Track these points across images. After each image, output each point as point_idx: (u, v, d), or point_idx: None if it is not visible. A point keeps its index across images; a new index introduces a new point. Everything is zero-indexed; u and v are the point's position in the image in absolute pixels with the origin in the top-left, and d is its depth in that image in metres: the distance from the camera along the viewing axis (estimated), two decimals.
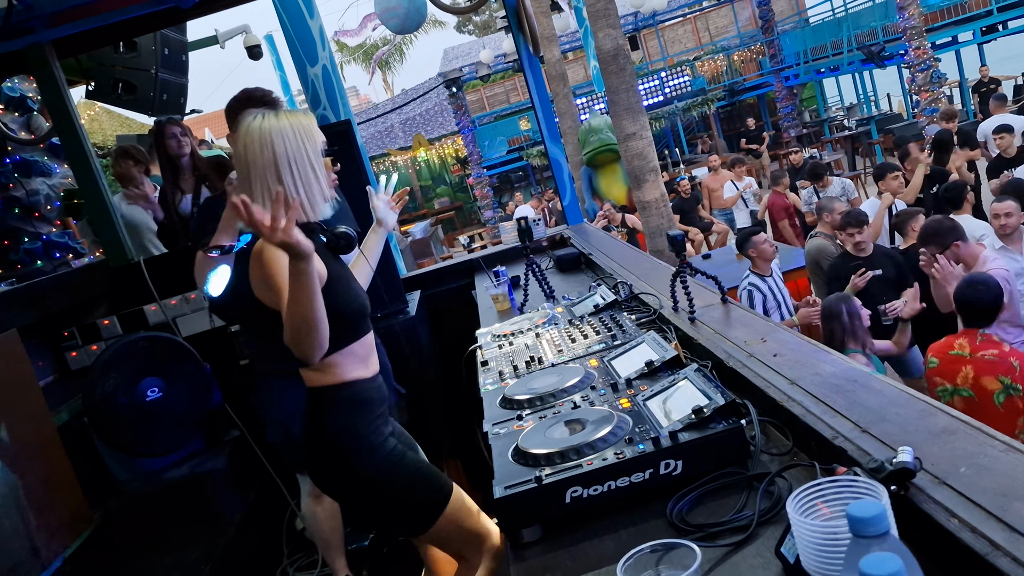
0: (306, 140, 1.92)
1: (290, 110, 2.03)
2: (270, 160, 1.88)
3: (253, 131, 1.90)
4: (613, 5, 7.36)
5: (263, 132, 1.90)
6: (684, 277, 2.19)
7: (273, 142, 1.89)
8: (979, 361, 3.29)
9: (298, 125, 1.93)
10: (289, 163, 1.89)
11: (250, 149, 1.90)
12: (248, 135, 1.90)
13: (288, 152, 1.89)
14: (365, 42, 25.28)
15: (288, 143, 1.89)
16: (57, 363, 3.62)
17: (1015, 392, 3.11)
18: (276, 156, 1.88)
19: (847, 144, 16.07)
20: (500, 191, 23.60)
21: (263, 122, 1.91)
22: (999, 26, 15.91)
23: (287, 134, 1.90)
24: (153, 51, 5.14)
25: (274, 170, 1.88)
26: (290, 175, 1.89)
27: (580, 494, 1.37)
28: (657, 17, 22.97)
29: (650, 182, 7.52)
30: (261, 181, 1.89)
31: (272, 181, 1.88)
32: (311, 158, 1.92)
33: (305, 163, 1.91)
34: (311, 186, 1.92)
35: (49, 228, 4.89)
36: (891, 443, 1.19)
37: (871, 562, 0.69)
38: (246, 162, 1.91)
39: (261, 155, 1.89)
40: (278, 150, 1.88)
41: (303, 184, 1.90)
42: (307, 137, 1.93)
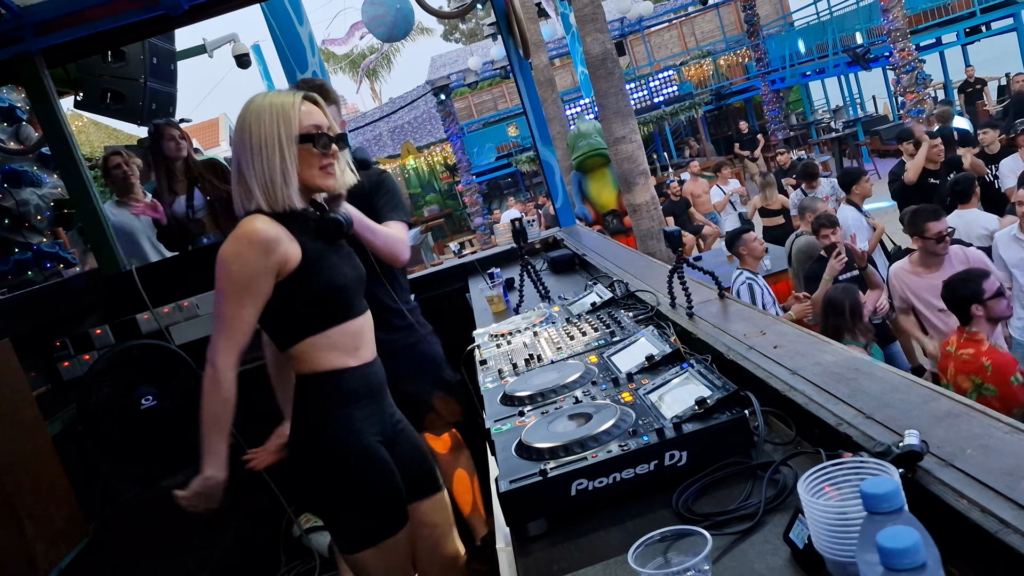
0: (281, 124, 1.85)
1: (280, 91, 1.97)
2: (244, 142, 1.86)
3: (240, 112, 1.89)
4: (601, 10, 7.40)
5: (244, 113, 1.88)
6: (682, 272, 2.19)
7: (249, 124, 1.86)
8: (958, 359, 3.34)
9: (277, 106, 1.87)
10: (259, 146, 1.84)
11: (236, 130, 1.90)
12: (241, 115, 1.90)
13: (261, 134, 1.84)
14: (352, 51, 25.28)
15: (263, 126, 1.85)
16: (50, 373, 3.60)
17: (988, 392, 3.13)
18: (250, 138, 1.85)
19: (834, 146, 16.18)
20: (489, 198, 23.65)
21: (249, 103, 1.89)
22: (982, 27, 16.09)
23: (263, 116, 1.86)
24: (141, 60, 5.12)
25: (247, 154, 1.86)
26: (253, 158, 1.85)
27: (585, 487, 1.37)
28: (643, 23, 23.11)
29: (640, 185, 7.55)
30: (236, 163, 1.89)
31: (243, 165, 1.86)
32: (282, 142, 1.84)
33: (273, 148, 1.84)
34: (274, 173, 1.84)
35: (40, 238, 4.86)
36: (896, 428, 1.19)
37: (889, 536, 0.69)
38: (238, 142, 1.89)
39: (239, 136, 1.88)
40: (253, 131, 1.85)
41: (266, 170, 1.84)
42: (283, 121, 1.86)
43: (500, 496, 1.37)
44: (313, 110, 1.93)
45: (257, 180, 1.85)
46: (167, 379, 3.33)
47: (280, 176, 1.85)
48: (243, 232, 1.81)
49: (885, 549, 0.69)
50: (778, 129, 20.53)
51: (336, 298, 1.94)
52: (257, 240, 1.80)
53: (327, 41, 16.89)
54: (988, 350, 3.30)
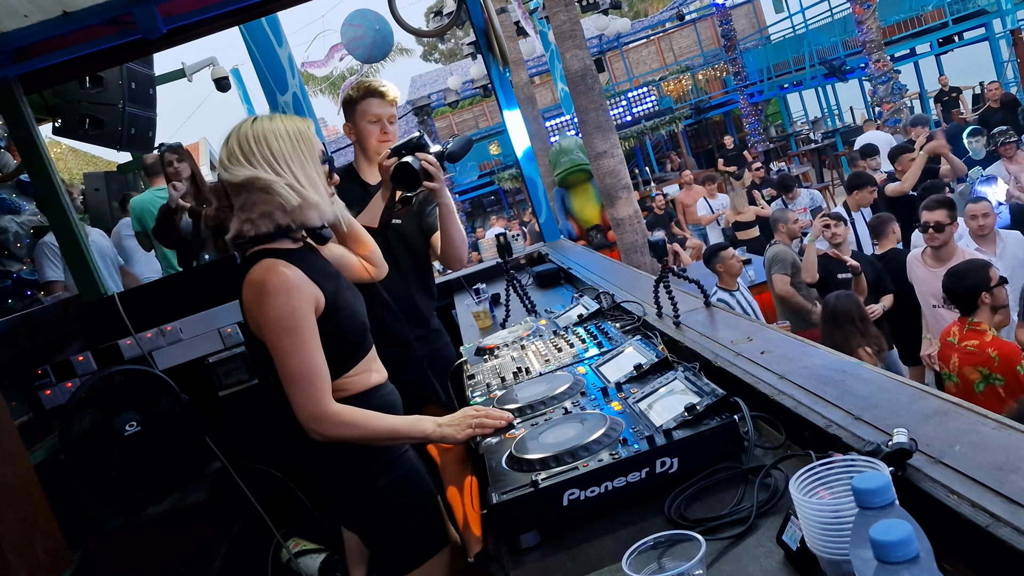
0: (303, 142, 1.84)
1: (288, 115, 1.94)
2: (269, 157, 1.78)
3: (249, 133, 1.82)
4: (579, 27, 7.47)
5: (259, 132, 1.81)
6: (667, 282, 2.20)
7: (274, 140, 1.80)
8: (962, 351, 3.35)
9: (300, 125, 1.87)
10: (291, 159, 1.80)
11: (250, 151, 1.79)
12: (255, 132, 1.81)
13: (290, 149, 1.80)
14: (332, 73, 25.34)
15: (289, 141, 1.81)
16: (31, 402, 3.55)
17: (996, 381, 3.15)
18: (274, 154, 1.79)
19: (813, 157, 16.34)
20: (473, 216, 23.67)
21: (260, 124, 1.84)
22: (955, 37, 16.34)
23: (288, 132, 1.83)
24: (120, 85, 5.11)
25: (273, 167, 1.78)
26: (293, 168, 1.80)
27: (577, 496, 1.36)
28: (622, 39, 23.33)
29: (623, 199, 7.59)
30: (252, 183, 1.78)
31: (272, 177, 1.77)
32: (311, 159, 1.83)
33: (307, 161, 1.83)
34: (315, 184, 1.82)
35: (19, 266, 4.81)
36: (884, 428, 1.19)
37: (881, 529, 0.69)
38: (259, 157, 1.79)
39: (260, 152, 1.78)
40: (284, 145, 1.80)
41: (305, 181, 1.80)
42: (304, 140, 1.84)
43: (491, 508, 1.36)
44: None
45: (293, 197, 1.78)
46: (151, 405, 3.29)
47: (320, 193, 1.83)
48: (274, 281, 1.74)
49: (878, 542, 0.68)
50: (758, 142, 20.73)
51: (359, 339, 1.92)
52: (291, 282, 1.74)
53: (307, 63, 16.91)
54: (992, 340, 3.33)
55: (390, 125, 2.86)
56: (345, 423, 1.77)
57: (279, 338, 1.73)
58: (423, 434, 1.84)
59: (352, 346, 1.90)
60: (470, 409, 1.83)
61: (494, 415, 1.77)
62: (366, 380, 1.93)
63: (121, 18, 3.51)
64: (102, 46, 3.65)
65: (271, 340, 1.74)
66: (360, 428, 1.79)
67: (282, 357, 1.74)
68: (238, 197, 1.82)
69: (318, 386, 1.75)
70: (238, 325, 3.56)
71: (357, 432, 1.79)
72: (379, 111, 2.83)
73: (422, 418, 1.86)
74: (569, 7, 7.57)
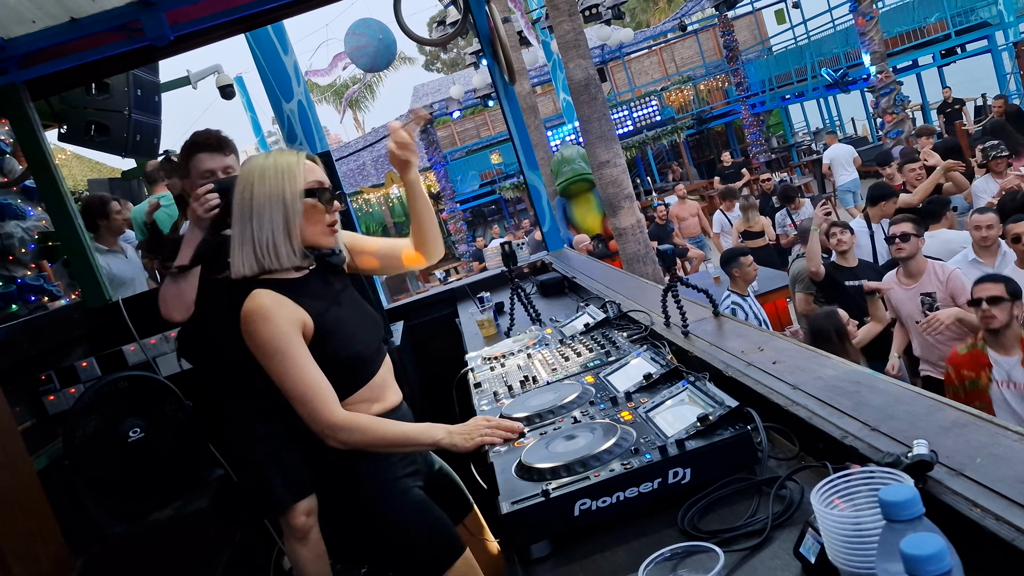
0: (286, 179, 1.82)
1: (280, 151, 1.94)
2: (245, 202, 1.82)
3: (240, 174, 1.87)
4: (583, 36, 7.48)
5: (245, 174, 1.84)
6: (676, 291, 2.19)
7: (252, 183, 1.82)
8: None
9: (282, 164, 1.85)
10: (264, 204, 1.81)
11: (239, 189, 1.85)
12: (241, 175, 1.86)
13: (265, 192, 1.81)
14: (336, 81, 25.42)
15: (267, 183, 1.81)
16: (35, 407, 3.54)
17: None
18: (252, 198, 1.81)
19: (815, 168, 16.35)
20: (473, 225, 23.70)
21: (250, 164, 1.86)
22: (957, 49, 16.38)
23: (267, 174, 1.82)
24: (125, 92, 5.11)
25: (247, 214, 1.81)
26: (256, 217, 1.81)
27: (589, 506, 1.35)
28: (624, 49, 23.37)
29: (625, 209, 7.58)
30: (239, 223, 1.83)
31: (244, 226, 1.82)
32: (286, 198, 1.81)
33: (278, 204, 1.81)
34: (277, 231, 1.81)
35: (24, 271, 4.81)
36: (902, 439, 1.18)
37: (913, 543, 0.68)
38: (238, 202, 1.84)
39: (239, 198, 1.83)
40: (256, 190, 1.81)
41: (271, 228, 1.80)
42: (288, 177, 1.82)
43: (502, 518, 1.35)
44: (315, 168, 1.91)
45: (259, 240, 1.80)
46: (155, 411, 3.28)
47: (283, 234, 1.81)
48: (253, 309, 1.76)
49: (910, 557, 0.67)
50: (759, 152, 20.76)
51: (355, 366, 1.90)
52: (267, 308, 1.75)
53: (310, 72, 16.98)
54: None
55: (223, 176, 2.66)
56: (356, 429, 1.78)
57: (270, 362, 1.76)
58: (433, 440, 1.82)
59: (348, 372, 1.88)
60: (481, 419, 1.82)
61: (505, 426, 1.77)
62: (367, 409, 1.90)
63: (129, 25, 3.52)
64: (109, 53, 3.66)
65: (265, 366, 1.78)
66: (372, 433, 1.80)
67: (279, 379, 1.77)
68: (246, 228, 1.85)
69: (321, 399, 1.76)
70: None
71: (369, 437, 1.80)
72: (211, 164, 2.67)
73: (433, 425, 1.85)
74: (572, 17, 7.58)
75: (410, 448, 1.90)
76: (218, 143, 2.68)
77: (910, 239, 4.30)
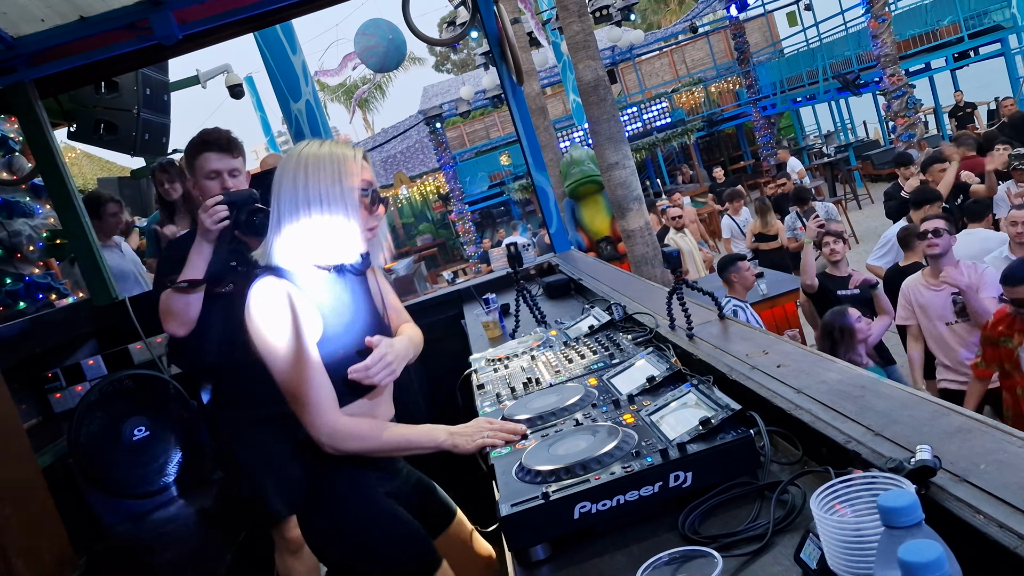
0: (344, 174, 1.75)
1: (332, 141, 1.85)
2: (297, 191, 1.73)
3: (289, 161, 1.77)
4: (593, 37, 7.46)
5: (297, 160, 1.76)
6: (681, 294, 2.17)
7: (305, 172, 1.74)
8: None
9: (339, 155, 1.77)
10: (319, 195, 1.73)
11: (284, 179, 1.76)
12: (292, 160, 1.77)
13: (320, 182, 1.73)
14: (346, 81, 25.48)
15: (323, 173, 1.74)
16: (41, 405, 3.56)
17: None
18: (305, 187, 1.73)
19: (826, 171, 16.29)
20: (482, 226, 23.70)
21: (302, 152, 1.78)
22: (970, 52, 16.28)
23: (323, 164, 1.75)
24: (135, 91, 5.13)
25: (298, 203, 1.73)
26: (312, 207, 1.73)
27: (589, 509, 1.34)
28: (634, 51, 23.35)
29: (634, 211, 7.55)
30: (282, 212, 1.75)
31: (291, 213, 1.73)
32: (344, 192, 1.74)
33: (337, 197, 1.74)
34: (333, 224, 1.73)
35: (32, 269, 4.83)
36: (906, 444, 1.16)
37: (911, 550, 0.66)
38: (278, 191, 1.76)
39: (290, 185, 1.74)
40: (311, 179, 1.73)
41: (324, 220, 1.73)
42: (345, 171, 1.76)
43: (501, 520, 1.34)
44: (367, 165, 1.85)
45: (309, 231, 1.73)
46: (160, 410, 3.29)
47: (340, 228, 1.74)
48: (276, 299, 1.68)
49: (908, 564, 0.66)
50: (770, 155, 20.69)
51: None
52: (292, 300, 1.68)
53: (320, 72, 17.00)
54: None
55: (231, 179, 2.61)
56: (358, 435, 1.74)
57: (275, 356, 1.67)
58: (435, 443, 1.79)
59: (340, 383, 1.78)
60: (484, 420, 1.80)
61: (508, 428, 1.74)
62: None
63: (137, 24, 3.53)
64: (118, 51, 3.67)
65: (276, 360, 1.68)
66: (372, 440, 1.75)
67: (289, 376, 1.68)
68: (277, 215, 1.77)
69: (326, 403, 1.70)
70: None
71: (370, 444, 1.75)
72: (218, 165, 2.60)
73: (434, 427, 1.82)
74: (583, 18, 7.56)
75: (412, 451, 1.84)
76: (228, 144, 2.60)
77: (943, 235, 4.27)
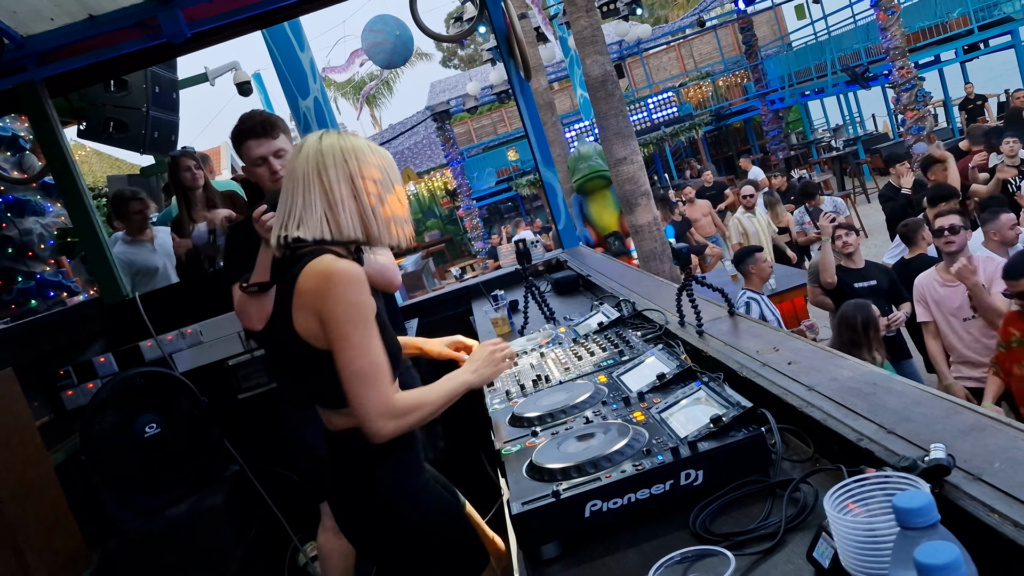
0: (389, 169, 1.80)
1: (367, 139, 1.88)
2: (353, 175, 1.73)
3: (338, 145, 1.76)
4: (600, 32, 7.44)
5: (352, 146, 1.76)
6: (691, 290, 2.17)
7: (357, 157, 1.74)
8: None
9: (381, 151, 1.81)
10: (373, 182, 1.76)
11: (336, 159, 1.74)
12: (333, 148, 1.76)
13: (372, 170, 1.76)
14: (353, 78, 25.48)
15: (374, 158, 1.78)
16: (53, 402, 3.57)
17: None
18: (360, 171, 1.73)
19: (835, 165, 16.20)
20: (490, 222, 23.68)
21: (353, 141, 1.78)
22: (980, 44, 16.16)
23: (374, 152, 1.79)
24: (144, 89, 5.15)
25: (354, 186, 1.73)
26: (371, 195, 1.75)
27: (600, 508, 1.34)
28: (642, 45, 23.28)
29: (642, 206, 7.53)
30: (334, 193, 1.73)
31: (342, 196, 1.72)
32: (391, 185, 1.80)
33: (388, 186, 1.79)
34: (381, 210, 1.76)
35: (43, 267, 4.85)
36: (919, 443, 1.16)
37: (927, 552, 0.66)
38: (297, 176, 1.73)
39: (343, 166, 1.72)
40: (363, 164, 1.74)
41: (379, 206, 1.75)
42: (389, 166, 1.81)
43: (512, 518, 1.34)
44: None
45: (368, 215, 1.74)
46: (171, 407, 3.30)
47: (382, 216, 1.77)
48: (345, 270, 1.62)
49: (925, 566, 0.66)
50: (778, 149, 20.61)
51: (395, 360, 1.76)
52: (359, 275, 1.64)
53: (327, 69, 17.01)
54: None
55: (277, 160, 2.61)
56: (412, 408, 1.66)
57: (351, 330, 1.60)
58: (467, 385, 1.80)
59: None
60: (483, 348, 1.88)
61: (503, 345, 1.92)
62: None
63: (146, 22, 3.54)
64: (127, 50, 3.68)
65: (340, 332, 1.60)
66: (426, 408, 1.69)
67: (351, 350, 1.60)
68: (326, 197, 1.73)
69: (386, 381, 1.64)
70: None
71: (423, 413, 1.69)
72: (260, 151, 2.60)
73: (458, 372, 1.83)
74: (590, 13, 7.54)
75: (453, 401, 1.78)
76: (263, 127, 2.61)
77: (959, 232, 4.24)
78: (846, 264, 5.02)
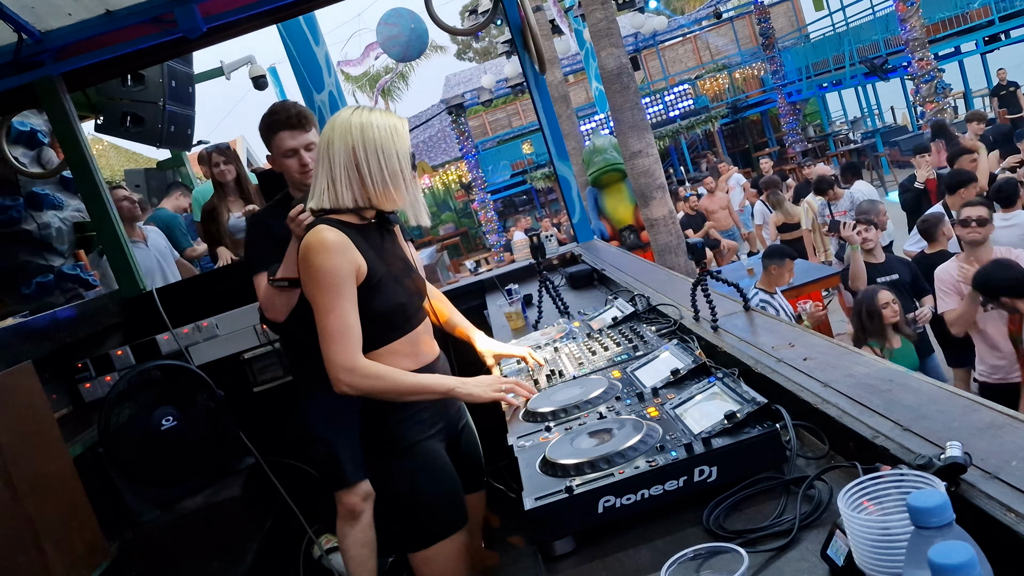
0: (400, 139, 1.95)
1: (382, 110, 2.03)
2: (368, 142, 1.91)
3: (354, 120, 1.94)
4: (615, 25, 7.42)
5: (369, 120, 1.93)
6: (705, 285, 2.16)
7: (375, 129, 1.92)
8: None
9: (398, 123, 1.97)
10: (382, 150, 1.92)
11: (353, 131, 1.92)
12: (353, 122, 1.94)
13: (384, 140, 1.92)
14: (368, 71, 25.51)
15: (389, 132, 1.93)
16: (71, 395, 3.61)
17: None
18: (376, 139, 1.91)
19: (853, 157, 16.07)
20: (504, 215, 23.68)
21: (368, 116, 1.95)
22: (1001, 35, 15.97)
23: (389, 124, 1.94)
24: (160, 83, 5.18)
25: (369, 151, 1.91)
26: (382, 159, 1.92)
27: (613, 503, 1.33)
28: (657, 37, 23.15)
29: (657, 199, 7.52)
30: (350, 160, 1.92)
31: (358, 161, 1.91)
32: (402, 155, 1.95)
33: (394, 156, 1.93)
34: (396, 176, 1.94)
35: (61, 261, 4.90)
36: (935, 440, 1.15)
37: (941, 552, 0.66)
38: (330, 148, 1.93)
39: (359, 135, 1.91)
40: (380, 136, 1.91)
41: (389, 171, 1.93)
42: (400, 137, 1.95)
43: (525, 513, 1.34)
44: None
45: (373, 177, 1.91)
46: (187, 400, 3.33)
47: (402, 183, 1.95)
48: (316, 241, 1.85)
49: (939, 566, 0.65)
50: (795, 141, 20.47)
51: (396, 316, 1.99)
52: (331, 244, 1.84)
53: (343, 62, 17.04)
54: None
55: (307, 153, 2.67)
56: (373, 375, 1.87)
57: (318, 294, 1.84)
58: (447, 389, 1.95)
59: (388, 322, 1.97)
60: (496, 375, 1.98)
61: (523, 387, 1.95)
62: (400, 363, 1.98)
63: (162, 17, 3.55)
64: (143, 44, 3.70)
65: (312, 296, 1.86)
66: (387, 380, 1.89)
67: (320, 312, 1.84)
68: (329, 171, 1.94)
69: (351, 341, 1.84)
70: None
71: (384, 384, 1.89)
72: (292, 143, 2.66)
73: (447, 376, 1.99)
74: (605, 5, 7.52)
75: (425, 396, 1.97)
76: (297, 120, 2.66)
77: (986, 224, 4.20)
78: (867, 259, 4.99)
